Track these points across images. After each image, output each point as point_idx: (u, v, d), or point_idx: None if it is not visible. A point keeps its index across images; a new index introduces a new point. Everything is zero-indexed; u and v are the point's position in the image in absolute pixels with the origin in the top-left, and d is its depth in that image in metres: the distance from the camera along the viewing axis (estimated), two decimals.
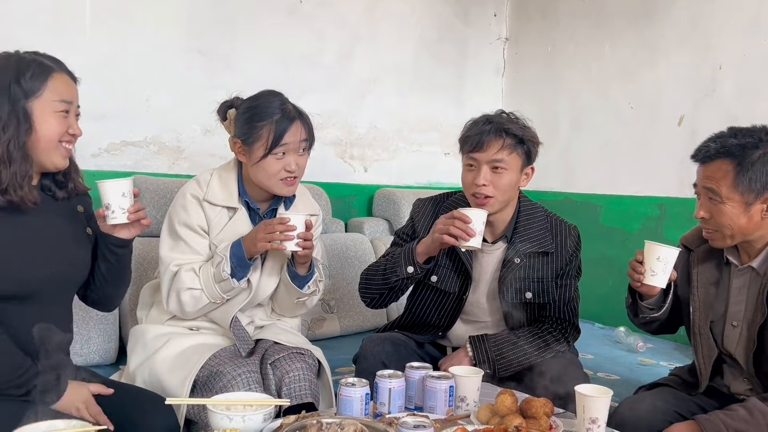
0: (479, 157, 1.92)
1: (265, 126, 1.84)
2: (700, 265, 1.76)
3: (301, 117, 1.89)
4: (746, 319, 1.69)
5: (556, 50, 3.84)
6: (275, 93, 1.92)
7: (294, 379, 1.79)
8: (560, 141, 3.77)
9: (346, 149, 3.51)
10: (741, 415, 1.52)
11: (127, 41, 2.76)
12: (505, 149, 1.91)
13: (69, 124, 1.50)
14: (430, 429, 1.28)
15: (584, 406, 1.49)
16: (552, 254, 2.03)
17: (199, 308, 1.87)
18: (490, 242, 2.04)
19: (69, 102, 1.50)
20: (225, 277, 1.80)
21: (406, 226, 2.17)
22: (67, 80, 1.51)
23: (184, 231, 1.89)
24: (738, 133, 1.64)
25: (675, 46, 3.23)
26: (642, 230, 3.33)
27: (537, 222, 2.06)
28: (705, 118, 3.05)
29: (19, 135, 1.43)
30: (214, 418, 1.36)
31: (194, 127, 2.95)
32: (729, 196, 1.60)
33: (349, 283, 2.94)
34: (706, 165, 1.65)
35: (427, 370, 1.64)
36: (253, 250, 1.82)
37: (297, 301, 1.98)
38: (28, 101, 1.44)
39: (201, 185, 1.92)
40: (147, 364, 1.85)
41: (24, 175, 1.44)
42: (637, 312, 1.83)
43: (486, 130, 1.91)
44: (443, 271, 2.04)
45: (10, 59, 1.48)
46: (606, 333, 3.22)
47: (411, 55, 3.73)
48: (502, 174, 1.92)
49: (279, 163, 1.85)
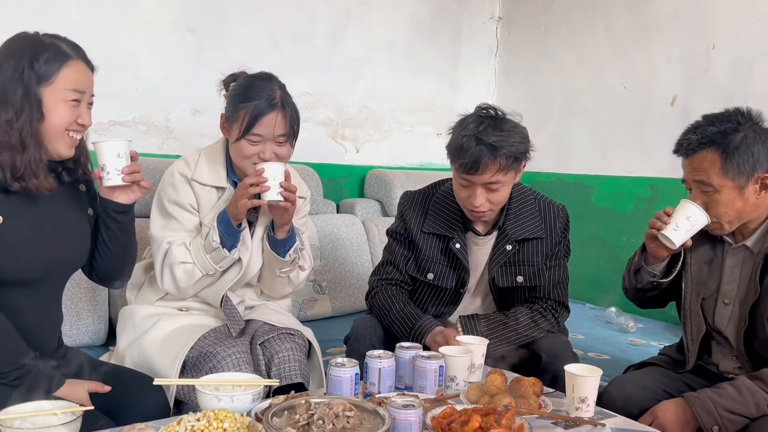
0: (474, 180, 1.84)
1: (244, 108, 1.79)
2: (695, 243, 1.77)
3: (284, 109, 1.81)
4: (738, 298, 1.70)
5: (550, 30, 3.81)
6: (271, 78, 1.87)
7: (283, 360, 1.79)
8: (553, 121, 3.76)
9: (338, 130, 3.48)
10: (730, 393, 1.53)
11: (115, 18, 2.71)
12: (501, 171, 1.82)
13: (78, 113, 1.47)
14: (419, 408, 1.28)
15: (574, 386, 1.50)
16: (543, 238, 2.02)
17: (193, 283, 1.85)
18: (483, 233, 2.03)
19: (81, 92, 1.46)
20: (215, 246, 1.79)
21: (397, 225, 2.12)
22: (82, 68, 1.48)
23: (174, 209, 1.87)
24: (715, 120, 1.63)
25: (668, 26, 3.21)
26: (634, 211, 3.33)
27: (527, 207, 2.04)
28: (698, 98, 3.04)
29: (32, 122, 1.40)
30: (203, 398, 1.36)
31: (184, 106, 2.92)
32: (721, 184, 1.60)
33: (341, 264, 2.94)
34: (691, 158, 1.65)
35: (417, 350, 1.64)
36: (236, 212, 1.80)
37: (280, 273, 1.93)
38: (40, 87, 1.41)
39: (189, 165, 1.90)
40: (136, 345, 1.84)
41: (39, 162, 1.42)
42: (638, 278, 1.81)
43: (480, 152, 1.78)
44: (439, 267, 2.03)
45: (27, 41, 1.44)
46: (597, 313, 3.23)
47: (403, 34, 3.69)
48: (499, 190, 1.87)
49: (253, 149, 1.81)
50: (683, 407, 1.55)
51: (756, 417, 1.51)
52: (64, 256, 1.54)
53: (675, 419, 1.56)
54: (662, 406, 1.58)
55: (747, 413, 1.51)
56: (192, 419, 1.24)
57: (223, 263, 1.84)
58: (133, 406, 1.52)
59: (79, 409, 1.25)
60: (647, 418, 1.59)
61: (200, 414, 1.25)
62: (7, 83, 1.39)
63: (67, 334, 2.18)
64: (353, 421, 1.20)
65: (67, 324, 2.18)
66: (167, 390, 1.66)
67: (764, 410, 1.51)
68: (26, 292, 1.48)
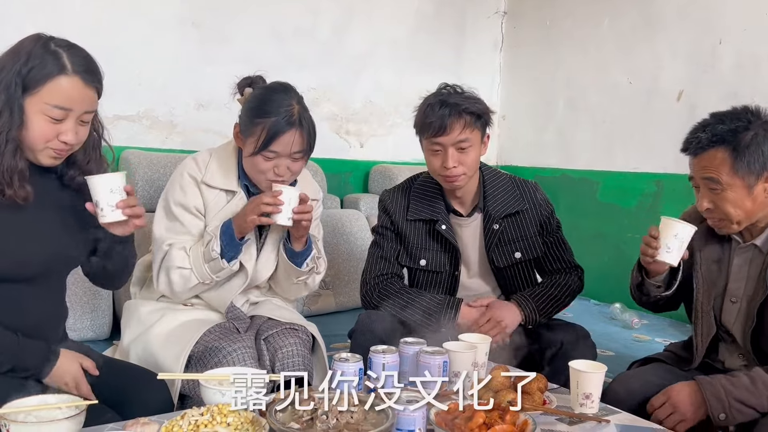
0: (444, 141, 1.93)
1: (261, 124, 1.76)
2: (703, 242, 1.75)
3: (302, 126, 1.78)
4: (746, 296, 1.68)
5: (555, 25, 3.79)
6: (288, 90, 1.83)
7: (287, 355, 1.79)
8: (558, 117, 3.74)
9: (342, 125, 3.48)
10: (743, 382, 1.52)
11: (119, 13, 2.71)
12: (467, 128, 1.93)
13: (60, 130, 1.39)
14: (423, 404, 1.28)
15: (578, 382, 1.50)
16: (526, 210, 2.10)
17: (189, 288, 1.84)
18: (465, 215, 2.09)
19: (66, 109, 1.38)
20: (214, 256, 1.78)
21: (383, 221, 2.15)
22: (76, 85, 1.38)
23: (180, 211, 1.86)
24: (724, 118, 1.62)
25: (674, 21, 3.19)
26: (639, 207, 3.31)
27: (502, 185, 2.11)
28: (704, 93, 3.02)
29: (11, 128, 1.35)
30: (207, 393, 1.36)
31: (187, 101, 2.92)
32: (730, 182, 1.58)
33: (345, 259, 2.94)
34: (700, 156, 1.63)
35: (422, 345, 1.64)
36: (243, 226, 1.78)
37: (297, 281, 1.94)
38: (25, 95, 1.36)
39: (200, 166, 1.88)
40: (141, 340, 1.84)
41: (13, 171, 1.36)
42: (643, 291, 1.82)
43: (445, 113, 1.91)
44: (430, 253, 2.07)
45: (31, 44, 1.38)
46: (601, 309, 3.22)
47: (408, 28, 3.68)
48: (468, 151, 1.95)
49: (268, 164, 1.79)
50: (696, 390, 1.56)
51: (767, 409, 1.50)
52: (61, 252, 1.51)
53: (688, 401, 1.56)
54: (676, 387, 1.59)
55: (758, 405, 1.50)
56: (196, 413, 1.23)
57: (221, 274, 1.82)
58: (137, 401, 1.52)
59: (83, 403, 1.25)
60: (660, 398, 1.59)
61: (204, 408, 1.25)
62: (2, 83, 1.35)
63: (71, 328, 2.18)
64: (357, 416, 1.20)
65: (71, 318, 2.16)
66: (171, 385, 1.66)
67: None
68: (25, 287, 1.47)
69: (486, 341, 1.73)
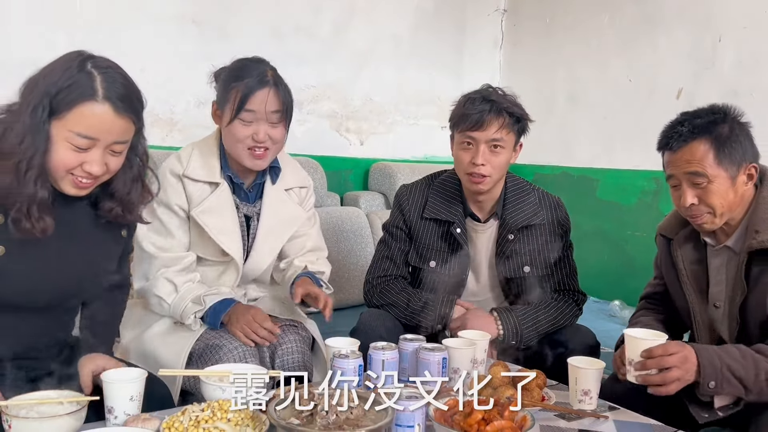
0: (478, 136, 1.90)
1: (235, 88, 1.75)
2: (682, 250, 1.75)
3: (276, 86, 1.77)
4: (728, 299, 1.67)
5: (555, 22, 3.79)
6: (261, 60, 1.84)
7: (287, 351, 1.80)
8: (558, 114, 3.74)
9: (342, 122, 3.48)
10: (734, 353, 1.50)
11: (120, 10, 2.71)
12: (504, 128, 1.90)
13: (84, 159, 1.28)
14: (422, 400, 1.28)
15: (576, 378, 1.50)
16: (543, 225, 2.04)
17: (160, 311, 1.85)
18: (482, 221, 2.04)
19: (92, 138, 1.27)
20: (193, 320, 1.79)
21: (395, 218, 2.11)
22: (106, 113, 1.27)
23: (161, 210, 1.83)
24: (699, 113, 1.62)
25: (675, 19, 3.19)
26: (639, 204, 3.32)
27: (525, 196, 2.06)
28: (704, 91, 3.02)
29: (34, 153, 1.25)
30: (207, 389, 1.37)
31: (188, 98, 2.92)
32: (715, 174, 1.58)
33: (345, 257, 2.94)
34: (680, 150, 1.61)
35: (421, 342, 1.64)
36: (228, 324, 1.79)
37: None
38: (51, 120, 1.25)
39: (181, 161, 1.85)
40: (141, 338, 1.85)
41: (32, 201, 1.26)
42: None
43: (485, 109, 1.89)
44: (440, 254, 2.03)
45: (66, 63, 1.28)
46: (600, 307, 3.23)
47: (408, 26, 3.68)
48: (500, 152, 1.91)
49: (246, 130, 1.76)
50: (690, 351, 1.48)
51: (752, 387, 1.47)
52: (74, 287, 1.45)
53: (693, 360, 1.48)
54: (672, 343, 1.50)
55: (746, 378, 1.47)
56: (197, 409, 1.24)
57: (187, 322, 1.82)
58: None
59: (85, 399, 1.26)
60: (657, 350, 1.49)
61: (205, 404, 1.26)
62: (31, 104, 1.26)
63: None
64: (356, 413, 1.21)
65: None
66: (172, 382, 1.67)
67: (761, 382, 1.48)
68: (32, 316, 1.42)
69: (485, 338, 1.74)
